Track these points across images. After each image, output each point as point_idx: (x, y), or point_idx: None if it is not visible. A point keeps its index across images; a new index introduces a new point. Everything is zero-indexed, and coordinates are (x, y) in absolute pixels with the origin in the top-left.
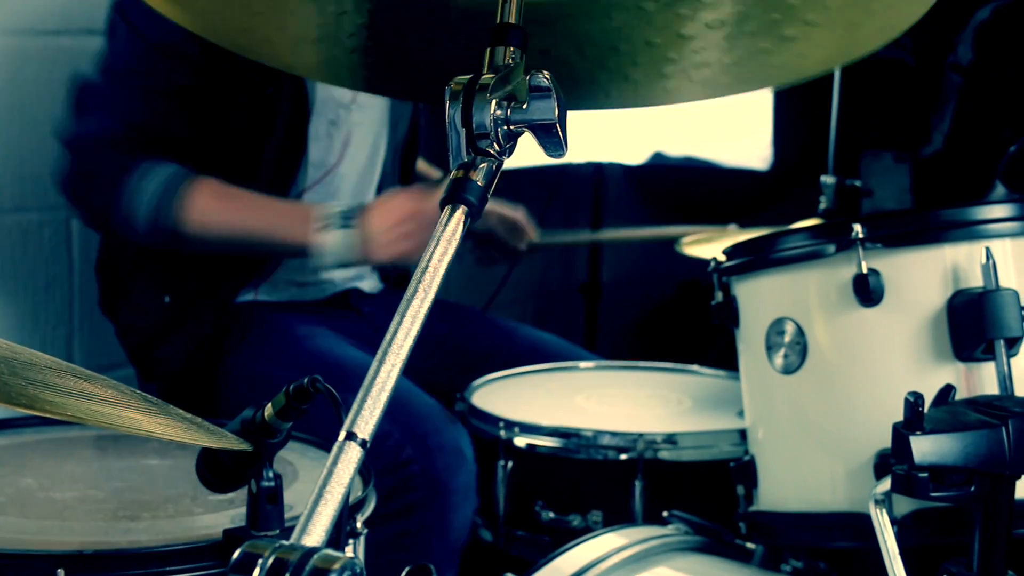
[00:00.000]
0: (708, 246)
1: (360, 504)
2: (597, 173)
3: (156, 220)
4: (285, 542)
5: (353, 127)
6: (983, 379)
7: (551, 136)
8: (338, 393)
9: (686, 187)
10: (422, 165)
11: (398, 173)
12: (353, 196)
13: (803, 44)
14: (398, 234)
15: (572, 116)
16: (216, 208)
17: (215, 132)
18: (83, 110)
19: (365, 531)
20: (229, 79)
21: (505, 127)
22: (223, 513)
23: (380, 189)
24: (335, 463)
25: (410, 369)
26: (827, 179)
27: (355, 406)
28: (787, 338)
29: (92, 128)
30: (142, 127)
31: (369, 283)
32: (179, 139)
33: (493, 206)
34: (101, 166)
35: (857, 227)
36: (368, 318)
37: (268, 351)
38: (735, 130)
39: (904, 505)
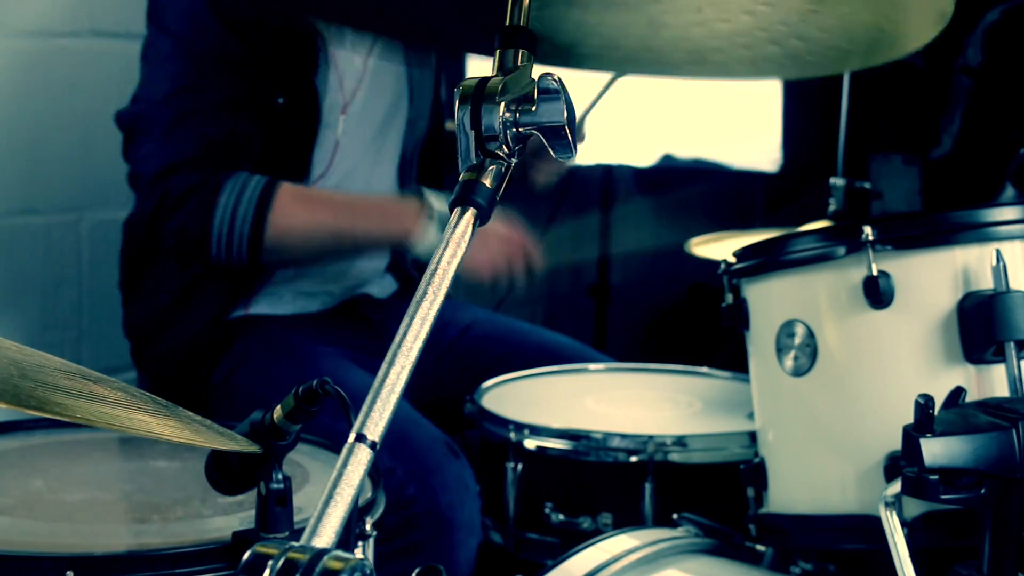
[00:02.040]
0: (718, 248)
1: (370, 506)
2: (606, 175)
3: (254, 237)
4: (295, 543)
5: (341, 135)
6: (993, 381)
7: (560, 139)
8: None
9: (695, 189)
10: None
11: (415, 173)
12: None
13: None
14: (491, 260)
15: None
16: (305, 210)
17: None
18: (148, 140)
19: (375, 533)
20: (270, 86)
21: (514, 129)
22: (232, 515)
23: (402, 184)
24: (345, 465)
25: (420, 373)
26: (837, 181)
27: (364, 407)
28: (797, 340)
29: (170, 153)
30: (220, 142)
31: (380, 287)
32: (251, 148)
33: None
34: (186, 190)
35: (867, 229)
36: (377, 327)
37: (274, 371)
38: (745, 132)
39: (914, 507)
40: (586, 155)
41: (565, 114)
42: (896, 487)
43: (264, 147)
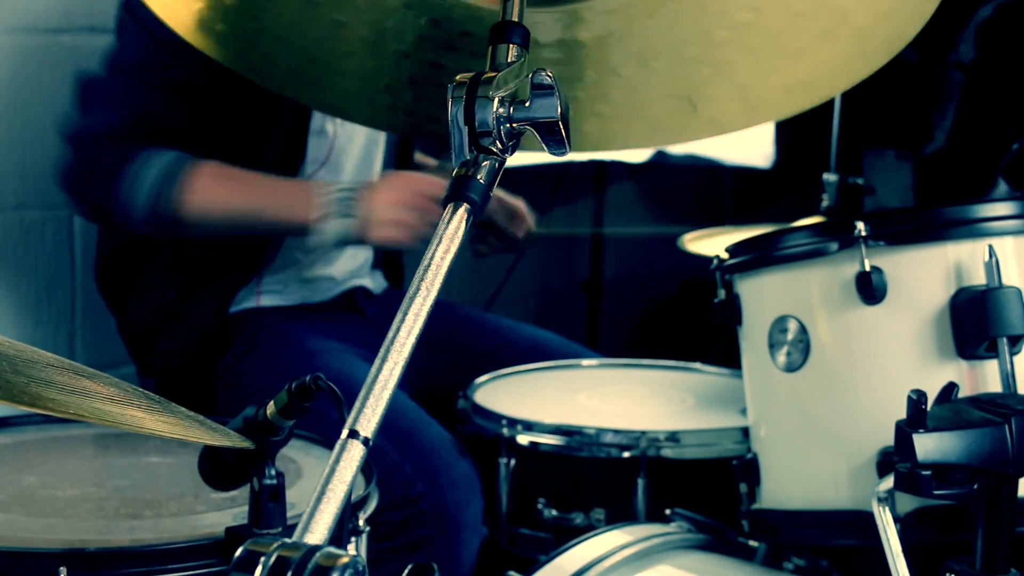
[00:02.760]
0: (711, 243)
1: (362, 502)
2: (599, 171)
3: (156, 206)
4: (287, 540)
5: (340, 125)
6: (986, 377)
7: (553, 134)
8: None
9: (688, 185)
10: (418, 156)
11: (393, 164)
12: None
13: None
14: (397, 218)
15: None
16: (216, 190)
17: (219, 127)
18: (88, 106)
19: (367, 529)
20: (233, 75)
21: (507, 125)
22: (225, 511)
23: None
24: (337, 461)
25: (413, 370)
26: (829, 177)
27: (357, 404)
28: (790, 336)
29: (95, 122)
30: (144, 119)
31: (373, 281)
32: (181, 132)
33: (493, 192)
34: (101, 158)
35: (860, 225)
36: (372, 320)
37: (277, 365)
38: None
39: (907, 503)
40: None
41: (559, 109)
42: (889, 483)
43: (252, 131)
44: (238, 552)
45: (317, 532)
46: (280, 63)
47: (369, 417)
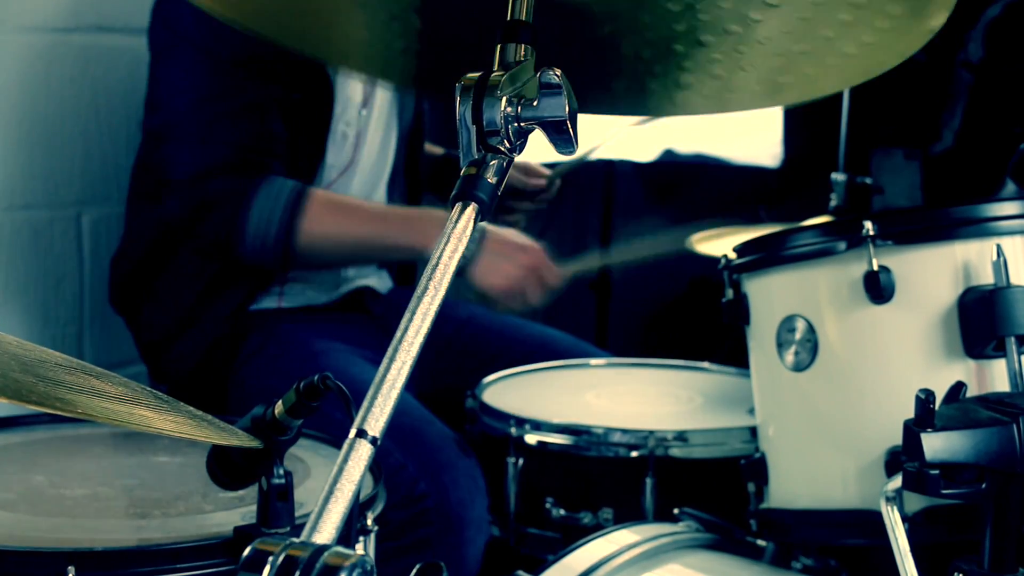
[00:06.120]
0: (719, 243)
1: (371, 501)
2: (607, 170)
3: (286, 242)
4: (296, 539)
5: (364, 126)
6: (994, 376)
7: (562, 133)
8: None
9: (697, 184)
10: (428, 146)
11: (403, 159)
12: (365, 190)
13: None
14: (507, 274)
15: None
16: (333, 219)
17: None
18: (180, 146)
19: (375, 528)
20: (288, 83)
21: (515, 124)
22: (234, 511)
23: (392, 178)
24: (346, 460)
25: (420, 369)
26: (838, 176)
27: (365, 403)
28: (798, 335)
29: (204, 159)
30: (251, 144)
31: (379, 281)
32: (280, 147)
33: None
34: (222, 194)
35: (868, 224)
36: (379, 321)
37: (284, 366)
38: (746, 127)
39: (915, 502)
40: (588, 150)
41: (567, 108)
42: (897, 482)
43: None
44: (246, 551)
45: (325, 532)
46: (292, 15)
47: (377, 416)
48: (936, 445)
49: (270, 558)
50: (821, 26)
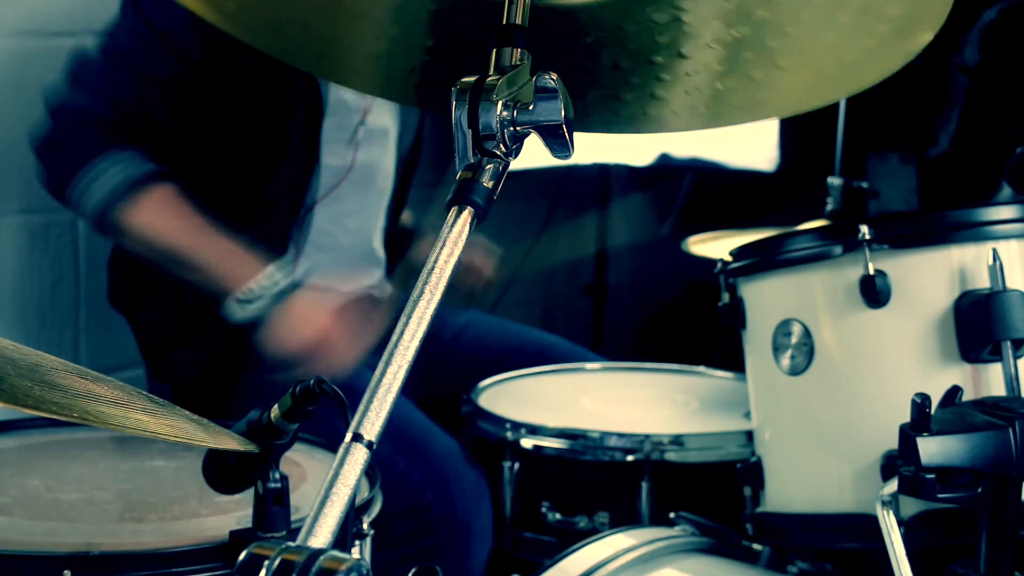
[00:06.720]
0: (715, 246)
1: (367, 506)
2: (603, 174)
3: (104, 214)
4: (291, 543)
5: (362, 141)
6: (990, 380)
7: (557, 137)
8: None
9: (692, 188)
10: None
11: (396, 184)
12: (361, 213)
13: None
14: (300, 342)
15: None
16: (159, 219)
17: (212, 129)
18: (76, 82)
19: (371, 532)
20: (233, 75)
21: (511, 128)
22: (229, 515)
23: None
24: (341, 464)
25: (418, 374)
26: (834, 180)
27: (361, 407)
28: (794, 339)
29: (80, 101)
30: (126, 109)
31: (380, 289)
32: (163, 130)
33: None
34: (76, 140)
35: (864, 228)
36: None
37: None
38: (742, 132)
39: (911, 506)
40: (583, 154)
41: (563, 113)
42: (893, 486)
43: (259, 137)
44: (242, 556)
45: (321, 536)
46: (293, 31)
47: (373, 421)
48: (932, 449)
49: (266, 562)
50: (805, 43)
